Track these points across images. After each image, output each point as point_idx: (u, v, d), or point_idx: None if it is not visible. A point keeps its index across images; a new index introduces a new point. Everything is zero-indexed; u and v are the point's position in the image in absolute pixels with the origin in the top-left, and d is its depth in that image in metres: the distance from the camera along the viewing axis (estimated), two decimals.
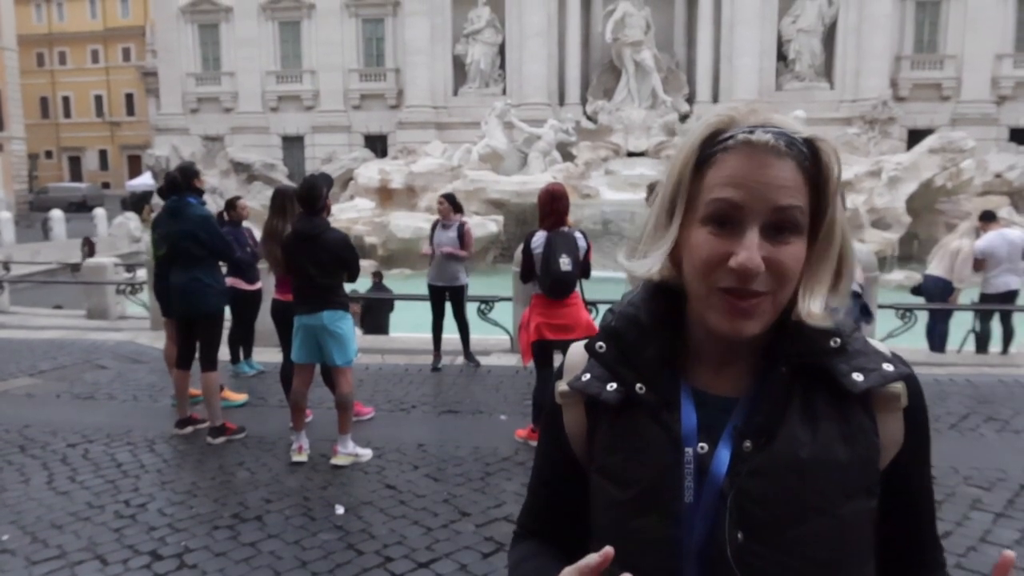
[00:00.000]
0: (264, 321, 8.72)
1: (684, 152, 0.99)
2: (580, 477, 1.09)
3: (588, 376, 1.07)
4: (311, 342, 5.39)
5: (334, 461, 5.30)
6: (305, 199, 5.38)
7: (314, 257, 5.26)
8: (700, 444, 0.98)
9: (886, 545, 1.02)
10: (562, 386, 1.10)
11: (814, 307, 0.96)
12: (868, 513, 0.98)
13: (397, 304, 12.05)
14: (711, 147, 0.96)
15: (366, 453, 5.43)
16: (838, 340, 0.98)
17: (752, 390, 1.00)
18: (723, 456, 0.97)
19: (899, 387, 0.99)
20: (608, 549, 0.91)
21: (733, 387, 1.01)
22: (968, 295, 9.66)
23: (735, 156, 0.93)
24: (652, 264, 1.02)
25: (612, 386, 1.04)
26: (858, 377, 0.96)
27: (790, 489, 0.94)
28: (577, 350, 1.13)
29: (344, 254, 5.36)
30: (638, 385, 1.02)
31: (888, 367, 0.99)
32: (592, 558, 0.92)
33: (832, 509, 0.94)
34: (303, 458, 5.36)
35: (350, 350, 5.41)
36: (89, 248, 20.60)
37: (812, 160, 0.94)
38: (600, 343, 1.07)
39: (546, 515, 1.17)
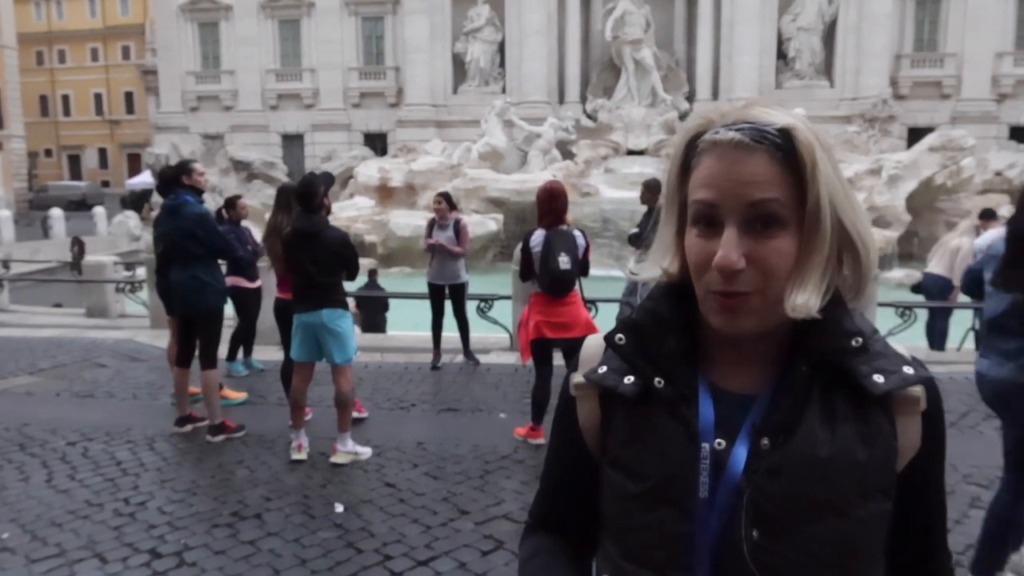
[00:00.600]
0: (264, 319, 8.73)
1: (671, 159, 1.02)
2: (592, 470, 1.09)
3: (605, 368, 1.06)
4: (310, 340, 5.39)
5: (333, 459, 5.31)
6: (302, 196, 5.37)
7: (313, 255, 5.25)
8: (717, 440, 0.98)
9: (895, 547, 1.02)
10: (577, 378, 1.10)
11: (798, 300, 0.94)
12: (883, 515, 0.98)
13: (394, 303, 12.02)
14: (692, 151, 0.98)
15: (365, 451, 5.43)
16: (859, 340, 0.97)
17: (771, 387, 1.00)
18: (740, 453, 0.97)
19: (919, 390, 0.99)
20: None
21: (751, 384, 1.01)
22: None
23: (708, 157, 0.95)
24: (654, 267, 1.05)
25: (629, 379, 1.03)
26: (879, 379, 0.96)
27: (807, 488, 0.94)
28: (593, 342, 1.13)
29: (343, 252, 5.35)
30: (657, 379, 1.02)
31: (908, 370, 0.98)
32: None
33: (849, 509, 0.94)
34: (302, 456, 5.36)
35: (349, 348, 5.41)
36: (79, 248, 20.26)
37: (788, 149, 0.93)
38: (620, 335, 1.07)
39: (557, 507, 1.17)
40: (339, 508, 4.56)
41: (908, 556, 1.06)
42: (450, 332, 8.34)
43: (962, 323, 9.40)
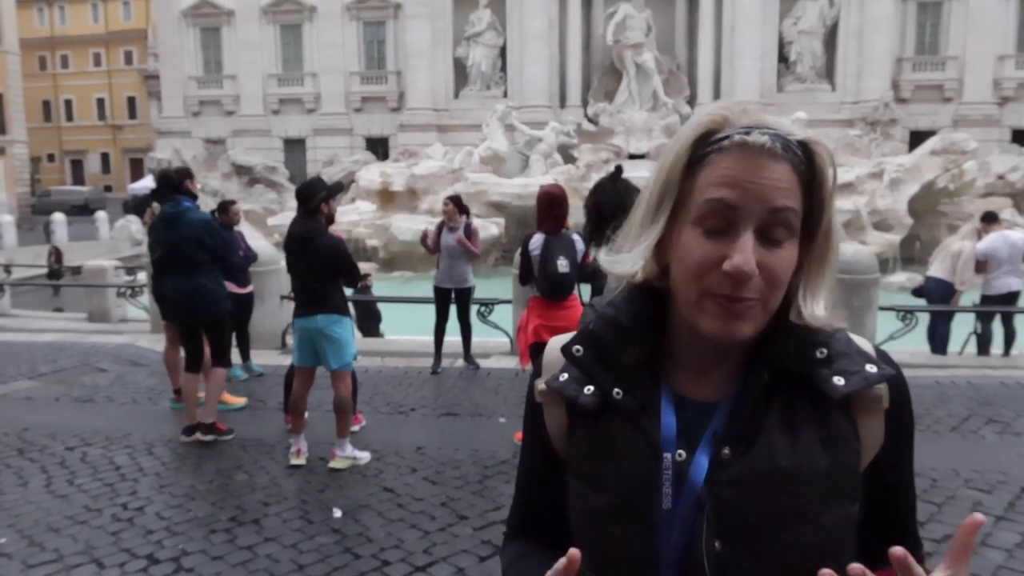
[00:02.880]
0: (262, 323, 8.74)
1: (674, 151, 0.96)
2: (564, 476, 1.07)
3: (566, 376, 1.03)
4: (307, 345, 5.38)
5: (332, 464, 5.29)
6: (300, 196, 5.36)
7: (308, 261, 5.25)
8: (678, 451, 0.96)
9: (862, 543, 1.00)
10: (541, 385, 1.08)
11: (817, 310, 0.95)
12: (850, 519, 0.96)
13: (392, 307, 11.93)
14: (704, 147, 0.94)
15: (364, 456, 5.41)
16: (824, 351, 0.95)
17: (733, 396, 0.98)
18: (701, 463, 0.94)
19: (881, 388, 0.97)
20: (574, 552, 0.88)
21: (714, 392, 0.99)
22: (969, 297, 9.63)
23: (730, 157, 0.91)
24: (634, 262, 1.00)
25: (589, 389, 1.01)
26: (839, 381, 0.94)
27: (769, 497, 0.92)
28: (555, 347, 1.10)
29: (336, 261, 5.32)
30: (615, 390, 0.99)
31: (871, 368, 0.96)
32: (560, 562, 0.89)
33: (813, 517, 0.92)
34: (301, 461, 5.34)
35: (347, 353, 5.38)
36: (56, 257, 19.17)
37: (807, 163, 0.92)
38: (577, 346, 1.04)
39: (534, 515, 1.15)
40: (337, 513, 4.54)
41: (876, 551, 1.01)
42: (450, 336, 8.33)
43: (964, 327, 9.38)
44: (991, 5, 31.24)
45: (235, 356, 7.99)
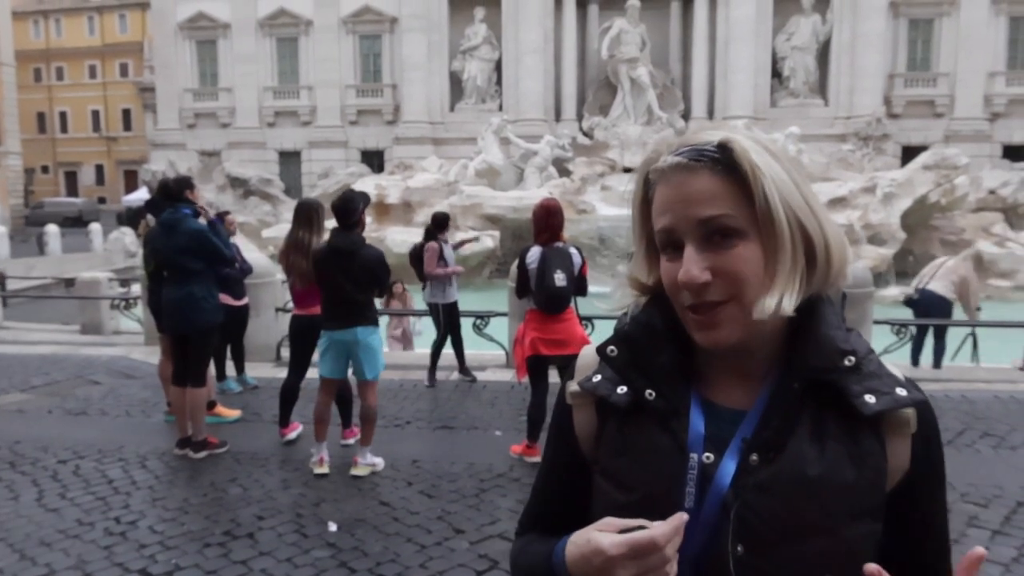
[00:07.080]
0: (257, 335, 8.71)
1: (633, 194, 1.07)
2: (586, 478, 1.10)
3: (599, 377, 1.08)
4: (342, 357, 5.43)
5: (353, 472, 5.35)
6: (341, 213, 5.39)
7: (349, 273, 5.29)
8: (706, 454, 0.99)
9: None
10: (573, 386, 1.11)
11: (766, 303, 0.94)
12: (872, 535, 0.97)
13: (382, 320, 11.87)
14: (648, 184, 1.03)
15: (380, 462, 5.49)
16: (852, 359, 0.98)
17: (762, 403, 1.01)
18: (728, 467, 0.97)
19: (909, 412, 0.99)
20: (683, 515, 0.91)
21: (744, 400, 1.02)
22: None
23: (660, 186, 1.00)
24: (627, 293, 1.10)
25: (622, 389, 1.05)
26: (870, 399, 0.96)
27: (794, 506, 0.94)
28: (590, 351, 1.14)
29: (379, 271, 5.42)
30: (648, 391, 1.03)
31: (901, 392, 0.98)
32: (662, 525, 0.91)
33: (836, 529, 0.94)
34: (325, 470, 5.36)
35: (380, 364, 5.49)
36: None
37: (728, 162, 0.95)
38: (612, 347, 1.08)
39: (549, 513, 1.17)
40: (332, 527, 4.51)
41: None
42: (447, 349, 8.32)
43: (957, 340, 9.41)
44: (982, 22, 31.58)
45: (230, 368, 8.00)
